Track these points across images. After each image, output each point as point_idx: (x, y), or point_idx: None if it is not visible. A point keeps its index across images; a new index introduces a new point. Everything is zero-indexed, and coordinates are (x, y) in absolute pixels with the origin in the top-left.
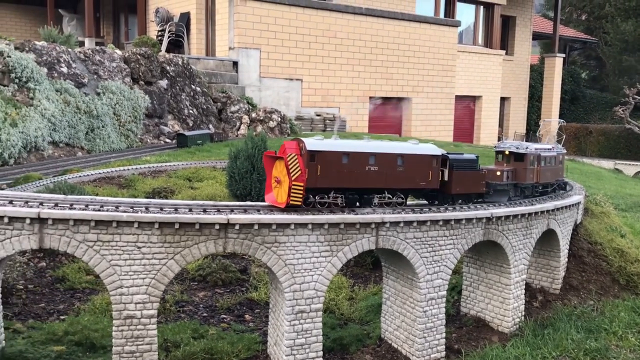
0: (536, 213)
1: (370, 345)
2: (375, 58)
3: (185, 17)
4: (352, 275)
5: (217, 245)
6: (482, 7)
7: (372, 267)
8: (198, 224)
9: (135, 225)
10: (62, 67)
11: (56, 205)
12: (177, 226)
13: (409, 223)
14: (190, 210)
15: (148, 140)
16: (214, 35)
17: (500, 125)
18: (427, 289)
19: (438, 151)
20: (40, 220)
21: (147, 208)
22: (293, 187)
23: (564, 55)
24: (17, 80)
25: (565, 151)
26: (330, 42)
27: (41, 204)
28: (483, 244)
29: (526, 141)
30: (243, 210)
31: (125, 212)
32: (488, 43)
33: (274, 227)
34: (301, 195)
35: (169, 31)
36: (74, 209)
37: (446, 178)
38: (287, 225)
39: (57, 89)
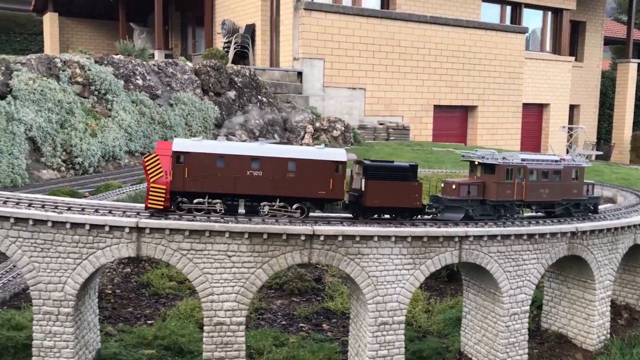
0: (622, 228)
1: (450, 359)
2: (440, 66)
3: (251, 29)
4: (426, 287)
5: (303, 256)
6: (550, 12)
7: (447, 280)
8: (285, 234)
9: (227, 234)
10: (137, 79)
11: (152, 214)
12: (265, 236)
13: (492, 237)
14: (277, 221)
15: None
16: (278, 46)
17: (570, 134)
18: (510, 303)
19: (343, 157)
20: (138, 229)
21: (236, 218)
22: (152, 189)
23: (638, 60)
24: (96, 93)
25: (586, 164)
26: (394, 50)
27: (138, 213)
28: (566, 259)
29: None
30: (327, 222)
31: (216, 222)
32: (556, 49)
33: (357, 238)
34: (162, 199)
35: (235, 42)
36: (170, 218)
37: (363, 188)
38: (370, 237)
39: (133, 100)
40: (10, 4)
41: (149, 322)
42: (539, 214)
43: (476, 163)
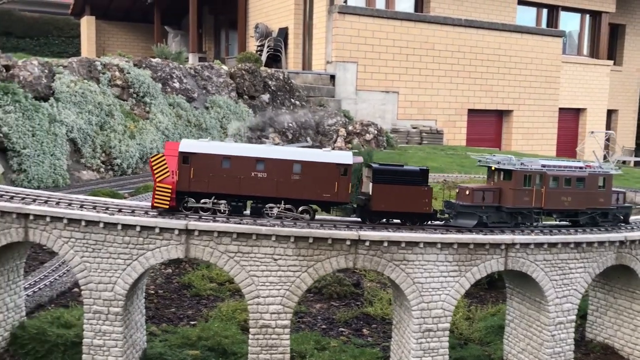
0: None
1: None
2: (475, 70)
3: (284, 33)
4: (467, 295)
5: (348, 261)
6: (588, 15)
7: (487, 287)
8: (330, 239)
9: (273, 238)
10: (174, 82)
11: (200, 217)
12: (311, 240)
13: (539, 245)
14: (322, 225)
15: None
16: (311, 49)
17: (607, 139)
18: (555, 312)
19: (348, 159)
20: (188, 232)
21: (282, 222)
22: (158, 189)
23: None
24: (135, 95)
25: (615, 171)
26: (428, 54)
27: (186, 216)
28: (613, 268)
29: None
30: (371, 227)
31: (263, 225)
32: (594, 53)
33: (402, 244)
34: (168, 198)
35: (268, 46)
36: (217, 221)
37: (370, 192)
38: (416, 243)
39: (170, 103)
40: (49, 7)
41: (192, 322)
42: (563, 222)
43: (493, 168)
